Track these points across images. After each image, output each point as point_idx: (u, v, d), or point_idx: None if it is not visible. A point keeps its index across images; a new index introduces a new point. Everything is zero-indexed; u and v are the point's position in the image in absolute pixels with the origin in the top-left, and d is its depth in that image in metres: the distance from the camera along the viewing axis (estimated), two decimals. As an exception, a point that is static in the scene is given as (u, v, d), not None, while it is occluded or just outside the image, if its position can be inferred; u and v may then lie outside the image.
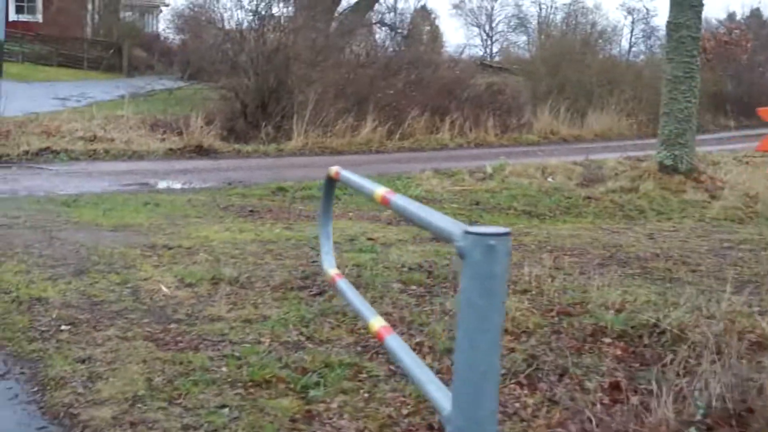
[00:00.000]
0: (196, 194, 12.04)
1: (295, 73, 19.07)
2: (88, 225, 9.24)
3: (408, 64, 22.38)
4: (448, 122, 20.99)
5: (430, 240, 9.12)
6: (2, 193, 11.39)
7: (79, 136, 17.23)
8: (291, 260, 7.62)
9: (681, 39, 14.65)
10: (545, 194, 13.01)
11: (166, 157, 16.16)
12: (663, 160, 14.75)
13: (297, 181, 13.56)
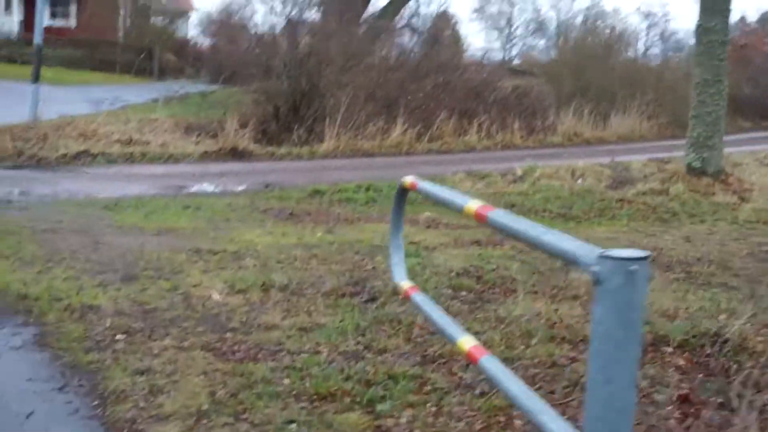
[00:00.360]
0: (234, 197, 11.83)
1: (327, 76, 18.83)
2: (132, 229, 9.05)
3: (436, 68, 22.10)
4: (476, 125, 20.70)
5: (472, 243, 8.90)
6: (44, 197, 11.21)
7: (116, 140, 17.06)
8: (337, 265, 7.39)
9: (710, 43, 14.36)
10: (578, 196, 12.71)
11: (201, 160, 15.96)
12: (691, 162, 14.45)
13: (332, 183, 13.32)
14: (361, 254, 7.97)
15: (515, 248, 8.57)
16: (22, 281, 6.34)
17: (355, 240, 8.74)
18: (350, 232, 9.33)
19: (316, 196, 12.16)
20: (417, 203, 11.85)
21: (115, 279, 6.59)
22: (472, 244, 8.84)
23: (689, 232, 10.17)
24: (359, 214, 10.99)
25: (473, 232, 9.63)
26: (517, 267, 7.39)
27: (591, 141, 23.38)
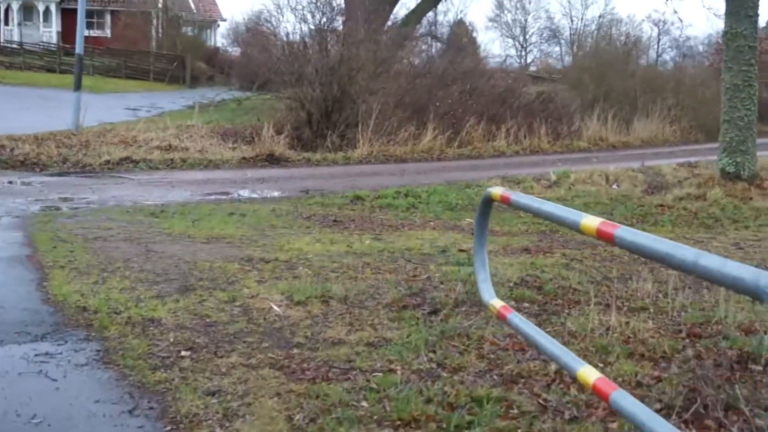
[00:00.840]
0: (277, 204, 11.49)
1: (358, 83, 18.48)
2: (181, 236, 8.71)
3: (462, 75, 21.69)
4: (504, 130, 20.29)
5: (521, 251, 8.50)
6: (92, 203, 10.91)
7: (156, 146, 16.79)
8: (391, 274, 7.01)
9: (739, 48, 13.88)
10: (617, 202, 12.29)
11: (239, 166, 15.65)
12: (725, 167, 13.99)
13: (371, 189, 12.96)
14: (413, 263, 7.59)
15: (566, 256, 8.19)
16: (80, 292, 6.01)
17: (405, 248, 8.36)
18: (397, 240, 8.95)
19: (357, 202, 11.80)
20: (458, 209, 11.50)
21: (172, 290, 6.24)
22: (521, 251, 8.44)
23: (737, 239, 9.74)
24: (402, 220, 10.62)
25: (520, 240, 9.25)
26: (575, 276, 6.98)
27: (616, 145, 22.95)
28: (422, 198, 12.21)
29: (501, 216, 11.18)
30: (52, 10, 42.69)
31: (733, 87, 13.95)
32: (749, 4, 13.73)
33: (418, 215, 11.05)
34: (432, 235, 9.35)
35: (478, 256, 3.73)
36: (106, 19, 43.30)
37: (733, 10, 13.86)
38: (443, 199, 12.13)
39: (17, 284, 6.34)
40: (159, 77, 38.92)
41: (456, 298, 6.04)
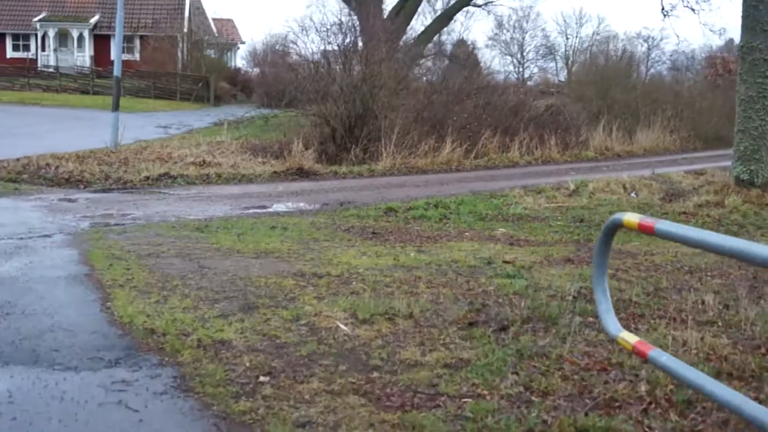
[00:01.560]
0: (314, 216, 11.03)
1: (380, 99, 18.03)
2: (229, 251, 8.25)
3: (476, 90, 21.25)
4: (517, 141, 19.83)
5: (564, 261, 8.03)
6: (138, 219, 10.45)
7: (191, 162, 16.34)
8: (446, 288, 6.54)
9: (754, 61, 13.45)
10: (640, 210, 11.80)
11: (271, 180, 15.19)
12: (740, 174, 13.53)
13: (400, 200, 12.52)
14: (464, 275, 7.12)
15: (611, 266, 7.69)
16: (145, 313, 5.56)
17: (450, 260, 7.89)
18: (440, 251, 8.48)
19: (390, 214, 11.34)
20: (488, 219, 11.02)
21: (234, 308, 5.79)
22: (564, 262, 7.97)
23: None
24: (437, 231, 10.15)
25: (558, 249, 8.78)
26: (629, 289, 6.50)
27: (621, 154, 22.48)
28: (452, 208, 11.76)
29: (531, 225, 10.72)
30: (85, 37, 42.34)
31: (747, 98, 13.50)
32: (765, 18, 13.28)
33: (451, 226, 10.59)
34: (472, 246, 8.88)
35: (599, 287, 3.26)
36: (135, 44, 42.90)
37: (749, 25, 13.44)
38: (473, 209, 11.67)
39: (81, 305, 5.89)
40: (185, 97, 38.51)
41: (521, 314, 5.58)
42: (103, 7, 43.09)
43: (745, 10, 13.53)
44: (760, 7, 13.32)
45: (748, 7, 13.45)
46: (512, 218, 11.12)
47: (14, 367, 4.50)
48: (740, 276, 7.32)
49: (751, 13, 13.42)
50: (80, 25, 42.35)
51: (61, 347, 4.86)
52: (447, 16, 31.50)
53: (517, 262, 7.79)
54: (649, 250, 8.83)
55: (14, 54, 42.94)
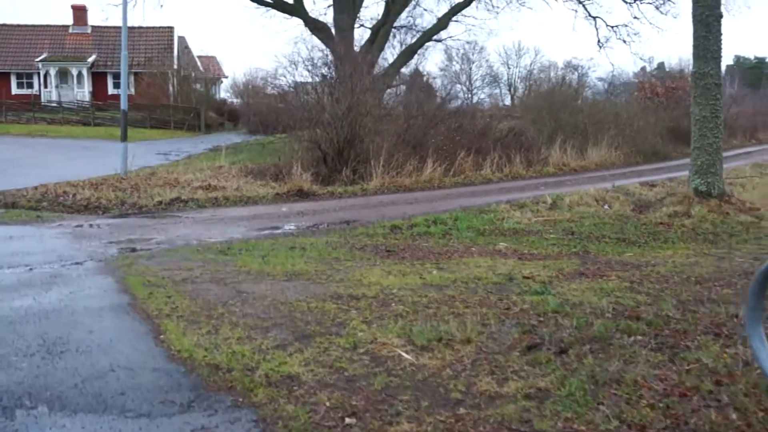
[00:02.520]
0: (327, 236, 10.32)
1: (367, 125, 17.39)
2: (260, 274, 7.53)
3: (449, 115, 20.72)
4: (489, 160, 19.33)
5: (578, 275, 7.44)
6: (162, 243, 9.66)
7: (197, 186, 15.52)
8: (483, 308, 5.92)
9: (706, 86, 13.06)
10: (620, 221, 11.32)
11: (275, 201, 14.44)
12: (698, 186, 13.10)
13: (399, 218, 11.87)
14: (494, 293, 6.49)
15: (622, 279, 7.14)
16: (202, 346, 4.85)
17: (473, 277, 7.26)
18: (458, 268, 7.85)
19: (396, 231, 10.68)
20: (487, 234, 10.43)
21: (287, 337, 5.11)
22: (578, 275, 7.38)
23: (754, 253, 8.76)
24: (445, 247, 9.50)
25: (565, 263, 8.19)
26: (660, 303, 5.93)
27: (577, 169, 22.08)
28: (450, 224, 11.14)
29: (527, 239, 10.15)
30: (84, 74, 41.03)
31: (702, 118, 13.10)
32: (714, 47, 12.94)
33: (456, 241, 9.96)
34: (485, 262, 8.25)
35: (755, 334, 2.64)
36: (130, 80, 41.64)
37: (700, 53, 13.05)
38: (470, 225, 11.06)
39: (134, 339, 5.15)
40: (178, 126, 37.48)
41: (572, 334, 4.97)
42: (99, 47, 41.89)
43: (696, 40, 13.15)
44: (709, 37, 12.95)
45: (699, 37, 13.07)
46: (508, 232, 10.54)
47: (84, 416, 3.77)
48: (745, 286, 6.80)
49: (701, 43, 13.04)
50: (79, 64, 41.05)
51: (127, 389, 4.13)
52: (411, 51, 30.96)
53: (536, 278, 7.19)
54: (647, 261, 8.30)
55: (19, 91, 41.45)
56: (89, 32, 42.19)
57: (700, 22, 13.00)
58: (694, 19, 13.11)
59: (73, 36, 41.98)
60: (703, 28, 12.97)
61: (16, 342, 5.00)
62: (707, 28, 12.90)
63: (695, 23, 13.11)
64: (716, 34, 12.98)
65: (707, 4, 12.87)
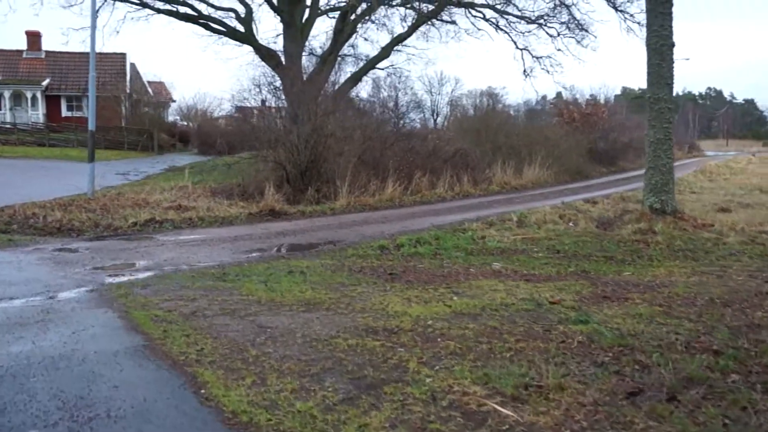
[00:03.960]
0: (319, 258, 9.19)
1: (331, 146, 16.30)
2: (273, 304, 6.39)
3: (403, 136, 19.83)
4: (443, 180, 18.52)
5: (602, 299, 6.60)
6: (151, 269, 8.32)
7: (168, 206, 14.04)
8: (538, 342, 5.01)
9: (660, 110, 12.59)
10: (597, 239, 10.59)
11: (249, 221, 13.13)
12: (652, 204, 12.60)
13: (382, 237, 10.85)
14: (536, 323, 5.56)
15: (649, 302, 6.34)
16: (256, 404, 3.76)
17: (499, 303, 6.32)
18: (475, 292, 6.89)
19: (385, 252, 9.63)
20: (475, 254, 9.51)
21: (349, 387, 4.05)
22: (603, 299, 6.53)
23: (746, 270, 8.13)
24: (444, 269, 8.48)
25: (577, 286, 7.34)
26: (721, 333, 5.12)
27: (517, 187, 21.55)
28: (434, 244, 10.17)
29: (517, 258, 9.28)
30: (38, 97, 38.20)
31: (656, 141, 12.62)
32: (667, 74, 12.50)
33: (448, 262, 8.98)
34: (497, 284, 7.32)
35: None
36: (83, 103, 39.05)
37: (654, 80, 12.59)
38: (455, 244, 10.12)
39: (170, 395, 3.96)
40: (132, 147, 35.32)
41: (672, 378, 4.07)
42: (53, 71, 39.19)
43: (650, 67, 12.71)
44: (663, 65, 12.51)
45: (654, 64, 12.62)
46: (495, 251, 9.65)
47: None
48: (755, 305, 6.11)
49: (655, 70, 12.60)
50: (33, 87, 38.22)
51: (190, 473, 2.98)
52: (356, 78, 29.93)
53: (563, 303, 6.31)
54: (652, 281, 7.55)
55: (-28, 113, 38.34)
56: (43, 57, 39.43)
57: (654, 50, 12.54)
58: (649, 48, 12.65)
59: (27, 60, 39.13)
60: (657, 56, 12.51)
61: (29, 406, 3.74)
62: (661, 56, 12.44)
63: (650, 51, 12.64)
64: (669, 62, 12.55)
65: (661, 35, 12.42)
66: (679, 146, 50.55)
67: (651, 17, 12.69)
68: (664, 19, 12.52)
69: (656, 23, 12.57)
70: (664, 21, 12.51)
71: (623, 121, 36.04)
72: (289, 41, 27.98)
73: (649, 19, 12.77)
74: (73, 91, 38.91)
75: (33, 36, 39.28)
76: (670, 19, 12.62)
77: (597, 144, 31.04)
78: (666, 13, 12.54)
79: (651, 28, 12.66)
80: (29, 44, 39.48)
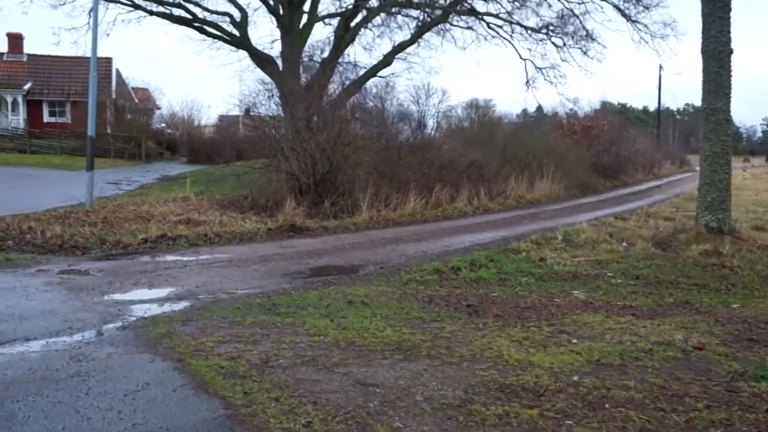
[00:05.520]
0: (373, 284, 7.98)
1: (349, 156, 15.11)
2: (356, 349, 5.20)
3: (418, 147, 18.69)
4: (463, 194, 17.42)
5: (744, 340, 5.49)
6: (184, 298, 7.05)
7: (176, 220, 12.72)
8: (735, 409, 3.85)
9: (718, 121, 11.64)
10: (670, 262, 9.51)
11: (270, 238, 11.86)
12: (708, 222, 11.61)
13: (426, 258, 9.70)
14: (693, 375, 4.44)
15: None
16: None
17: (634, 348, 5.19)
18: (587, 332, 5.76)
19: (444, 276, 8.45)
20: (546, 279, 8.38)
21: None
22: (745, 341, 5.43)
23: None
24: (524, 299, 7.31)
25: (697, 321, 6.24)
26: None
27: (532, 202, 20.56)
28: (491, 267, 9.03)
29: (595, 285, 8.17)
30: (19, 102, 36.45)
31: (713, 155, 11.65)
32: (726, 83, 11.57)
33: (520, 289, 7.84)
34: (605, 321, 6.18)
35: None
36: (66, 108, 37.43)
37: (711, 89, 11.64)
38: (517, 267, 8.98)
39: None
40: (118, 155, 33.74)
41: None
42: (35, 75, 37.50)
43: (707, 75, 11.78)
44: (722, 72, 11.59)
45: (710, 73, 11.69)
46: (566, 276, 8.52)
47: None
48: None
49: (713, 79, 11.66)
50: (14, 92, 36.49)
51: None
52: (358, 84, 28.81)
53: (707, 347, 5.20)
54: None
55: (-51, 117, 36.48)
56: (25, 60, 37.72)
57: (712, 57, 11.60)
58: (705, 55, 11.71)
59: (8, 63, 37.37)
60: (715, 63, 11.57)
61: None
62: (719, 64, 11.51)
63: (706, 59, 11.70)
64: (728, 70, 11.62)
65: (720, 40, 11.49)
66: (672, 161, 50.31)
67: (708, 22, 11.75)
68: (723, 24, 11.60)
69: (714, 28, 11.63)
70: (723, 26, 11.59)
71: (624, 134, 35.38)
72: (287, 47, 26.84)
73: (705, 24, 11.82)
74: (56, 96, 37.24)
75: (14, 38, 37.59)
76: (729, 24, 11.71)
77: (601, 157, 30.23)
78: (725, 17, 11.62)
79: (708, 34, 11.72)
80: (10, 47, 37.76)
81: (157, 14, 26.19)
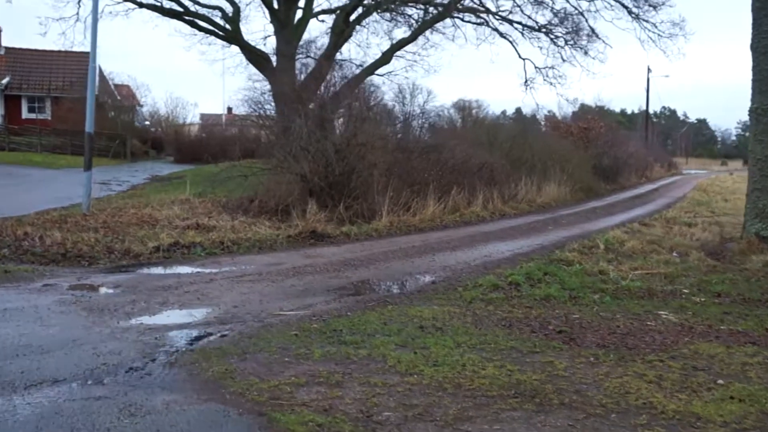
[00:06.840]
0: (434, 302, 7.02)
1: (367, 157, 14.11)
2: (468, 394, 4.29)
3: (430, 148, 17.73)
4: (479, 197, 16.53)
5: None
6: (225, 321, 6.00)
7: (184, 225, 11.65)
8: None
9: (769, 122, 10.91)
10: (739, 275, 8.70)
11: (292, 246, 10.83)
12: (759, 231, 10.87)
13: (473, 270, 8.78)
14: None
15: None
16: None
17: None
18: (721, 369, 4.87)
19: (507, 294, 7.52)
20: (621, 296, 7.50)
21: None
22: None
23: None
24: (614, 323, 6.44)
25: None
26: None
27: (543, 206, 19.78)
28: (551, 282, 8.14)
29: (681, 304, 7.30)
30: (-5, 96, 34.94)
31: (764, 158, 10.91)
32: (779, 81, 10.82)
33: (599, 309, 6.94)
34: (736, 353, 5.30)
35: None
36: (46, 104, 35.85)
37: (763, 88, 10.90)
38: (580, 282, 8.10)
39: None
40: (102, 153, 32.19)
41: None
42: (14, 69, 35.87)
43: (757, 73, 11.03)
44: (774, 70, 10.89)
45: (762, 71, 10.95)
46: (642, 294, 7.62)
47: None
48: None
49: (765, 77, 10.92)
50: (-10, 86, 34.91)
51: None
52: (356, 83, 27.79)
53: None
54: None
55: None
56: (2, 53, 36.05)
57: (763, 54, 10.86)
58: (756, 52, 10.97)
59: (-16, 57, 35.77)
60: (766, 60, 10.83)
61: None
62: (772, 61, 10.77)
63: (757, 55, 10.97)
64: (782, 68, 10.88)
65: (774, 35, 10.75)
66: (661, 163, 50.05)
67: (760, 16, 11.01)
68: (777, 20, 10.87)
69: (766, 24, 10.90)
70: (777, 21, 10.87)
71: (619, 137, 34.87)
72: (283, 42, 25.80)
73: (757, 19, 11.08)
74: (35, 92, 35.65)
75: (-8, 30, 35.95)
76: (783, 20, 10.98)
77: (601, 160, 29.59)
78: (780, 13, 10.90)
79: (760, 29, 10.98)
80: (-13, 39, 36.12)
81: (147, 6, 24.96)
